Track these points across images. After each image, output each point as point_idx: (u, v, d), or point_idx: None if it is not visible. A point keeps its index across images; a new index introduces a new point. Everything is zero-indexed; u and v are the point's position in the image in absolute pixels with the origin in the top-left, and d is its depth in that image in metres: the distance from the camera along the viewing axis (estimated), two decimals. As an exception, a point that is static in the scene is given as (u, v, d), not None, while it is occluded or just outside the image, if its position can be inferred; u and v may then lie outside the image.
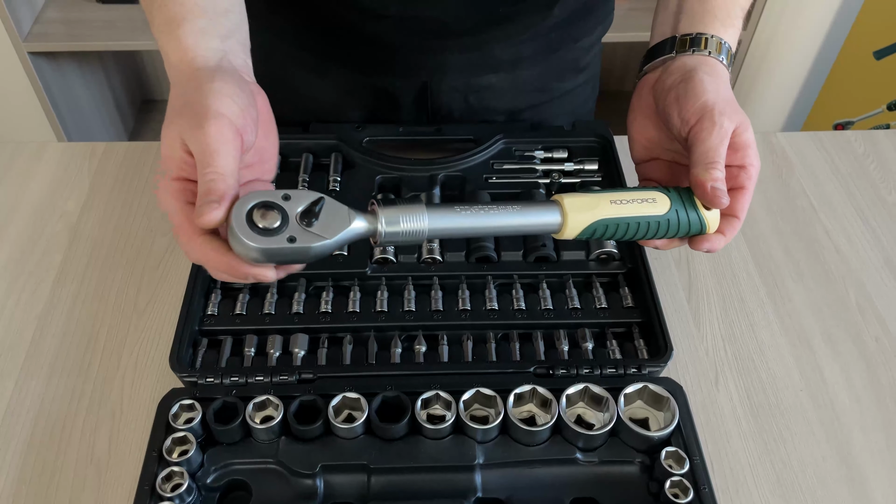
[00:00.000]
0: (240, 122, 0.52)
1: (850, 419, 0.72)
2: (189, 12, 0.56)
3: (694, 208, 0.59)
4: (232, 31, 0.59)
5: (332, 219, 0.51)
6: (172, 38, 0.56)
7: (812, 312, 0.80)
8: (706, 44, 0.65)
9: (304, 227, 0.51)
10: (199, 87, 0.53)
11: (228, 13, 0.59)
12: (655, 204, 0.59)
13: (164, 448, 0.63)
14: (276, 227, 0.50)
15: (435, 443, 0.65)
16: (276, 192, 0.51)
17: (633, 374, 0.69)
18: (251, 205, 0.50)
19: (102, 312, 0.78)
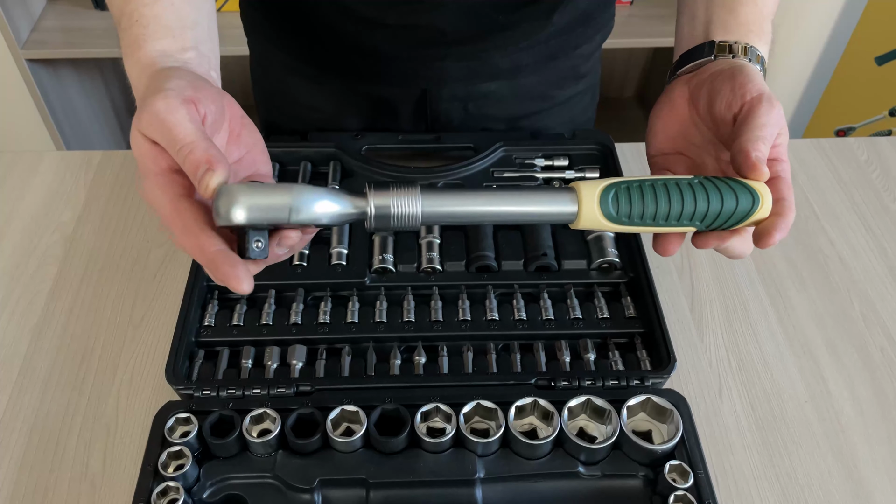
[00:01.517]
0: (189, 91, 0.50)
1: (856, 431, 0.71)
2: (152, 34, 0.56)
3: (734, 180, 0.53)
4: (196, 44, 0.57)
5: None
6: (133, 60, 0.56)
7: (816, 323, 0.80)
8: (746, 52, 0.63)
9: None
10: (150, 84, 0.52)
11: (195, 27, 0.58)
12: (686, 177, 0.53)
13: (160, 462, 0.62)
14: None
15: (435, 456, 0.64)
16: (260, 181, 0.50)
17: (636, 385, 0.68)
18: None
19: (98, 325, 0.77)
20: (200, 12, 0.60)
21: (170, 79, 0.51)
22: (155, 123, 0.48)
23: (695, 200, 0.53)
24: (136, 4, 0.57)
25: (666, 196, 0.52)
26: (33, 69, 1.73)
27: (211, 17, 0.61)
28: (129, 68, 0.56)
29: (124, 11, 0.57)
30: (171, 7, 0.57)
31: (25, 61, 1.70)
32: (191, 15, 0.58)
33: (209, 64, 0.58)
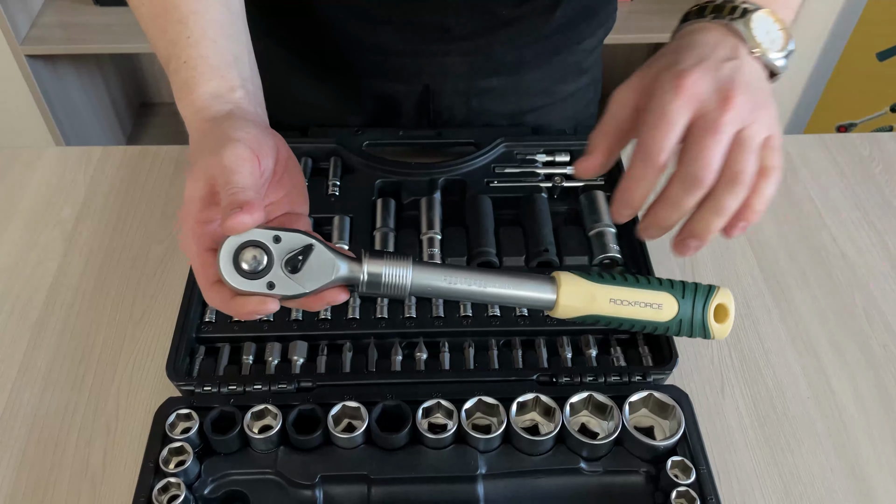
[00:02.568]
0: (254, 144, 0.52)
1: (858, 429, 0.71)
2: (201, 76, 0.57)
3: (703, 320, 0.54)
4: (243, 81, 0.59)
5: (317, 268, 0.51)
6: (187, 103, 0.57)
7: (818, 319, 0.79)
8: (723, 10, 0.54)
9: (287, 273, 0.50)
10: (212, 129, 0.54)
11: (239, 62, 0.59)
12: (660, 311, 0.54)
13: (161, 459, 0.61)
14: (260, 271, 0.50)
15: (436, 452, 0.63)
16: (268, 233, 0.50)
17: (638, 381, 0.68)
18: (240, 243, 0.49)
19: (98, 322, 0.77)
20: (240, 45, 0.61)
21: (236, 129, 0.52)
22: (220, 166, 0.50)
23: (654, 330, 0.55)
24: (182, 47, 0.58)
25: (630, 327, 0.55)
26: (32, 65, 1.73)
27: (249, 46, 0.62)
28: (182, 109, 0.58)
29: (172, 54, 0.59)
30: (213, 45, 0.58)
31: (25, 57, 1.70)
32: (232, 50, 0.59)
33: (256, 100, 0.59)
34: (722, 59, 0.51)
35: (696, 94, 0.48)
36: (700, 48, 0.52)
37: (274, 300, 0.51)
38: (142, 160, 0.94)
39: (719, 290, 0.55)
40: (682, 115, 0.48)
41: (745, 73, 0.51)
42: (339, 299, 0.53)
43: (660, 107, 0.49)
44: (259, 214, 0.48)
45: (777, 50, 0.54)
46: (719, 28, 0.53)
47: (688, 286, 0.55)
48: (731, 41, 0.53)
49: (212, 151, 0.51)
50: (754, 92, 0.50)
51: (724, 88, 0.49)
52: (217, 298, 0.51)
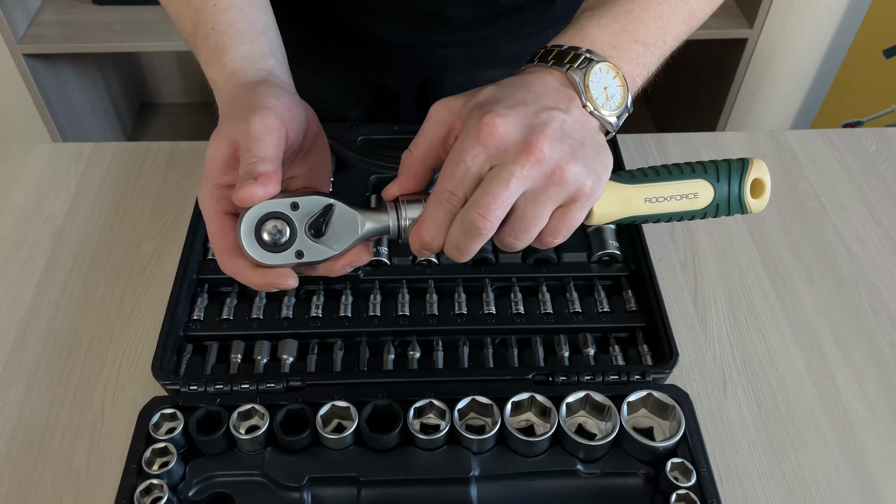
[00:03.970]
0: (285, 115, 0.51)
1: (864, 428, 0.68)
2: (231, 41, 0.56)
3: (740, 197, 0.53)
4: (273, 50, 0.58)
5: (342, 228, 0.50)
6: (218, 67, 0.56)
7: (823, 317, 0.77)
8: (565, 57, 0.51)
9: (312, 238, 0.49)
10: (244, 94, 0.53)
11: (267, 31, 0.59)
12: (696, 199, 0.53)
13: (144, 459, 0.60)
14: (285, 242, 0.49)
15: (428, 454, 0.62)
16: (285, 201, 0.49)
17: (637, 381, 0.66)
18: (259, 217, 0.49)
19: (85, 319, 0.76)
20: (267, 16, 0.60)
21: (269, 97, 0.52)
22: (245, 132, 0.49)
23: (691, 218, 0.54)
24: (209, 14, 0.57)
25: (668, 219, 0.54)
26: (31, 64, 1.71)
27: (275, 21, 0.62)
28: (213, 74, 0.57)
29: (198, 22, 0.58)
30: (241, 13, 0.58)
31: (23, 56, 1.68)
32: (261, 20, 0.59)
33: (287, 71, 0.59)
34: (542, 108, 0.49)
35: (499, 141, 0.47)
36: (525, 91, 0.50)
37: (294, 277, 0.50)
38: (133, 156, 0.93)
39: (753, 163, 0.53)
40: (479, 161, 0.47)
41: (563, 125, 0.48)
42: (362, 259, 0.52)
43: (460, 149, 0.48)
44: (273, 187, 0.47)
45: (612, 108, 0.52)
46: (557, 76, 0.52)
47: (721, 167, 0.53)
48: (563, 92, 0.51)
49: (241, 116, 0.50)
50: (569, 145, 0.48)
51: (530, 139, 0.47)
52: (233, 267, 0.50)
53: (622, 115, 0.53)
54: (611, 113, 0.52)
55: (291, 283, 0.50)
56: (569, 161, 0.47)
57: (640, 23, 0.54)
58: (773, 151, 0.96)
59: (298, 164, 0.56)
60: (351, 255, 0.51)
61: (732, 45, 1.83)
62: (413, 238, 0.50)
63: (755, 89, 2.08)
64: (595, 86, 0.51)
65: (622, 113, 0.53)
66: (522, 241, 0.50)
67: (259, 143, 0.48)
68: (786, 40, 1.97)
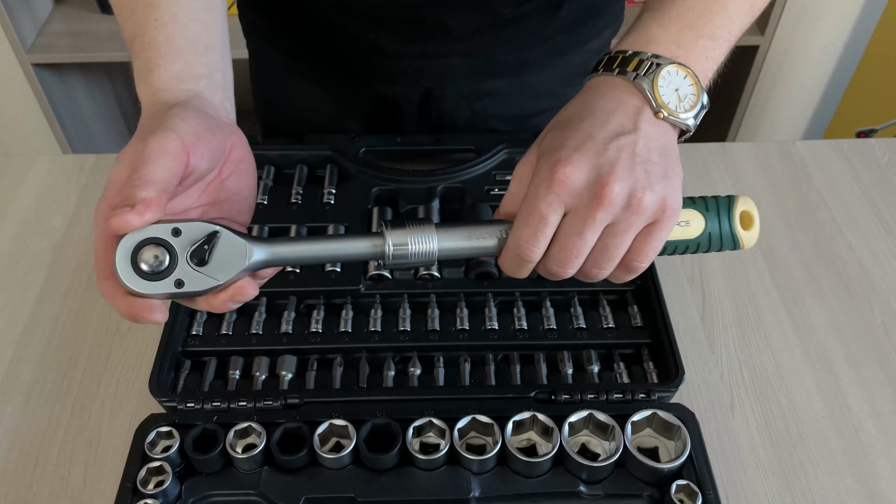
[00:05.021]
0: (189, 140, 0.48)
1: (877, 450, 0.67)
2: (164, 57, 0.54)
3: (731, 230, 0.54)
4: (210, 70, 0.55)
5: (227, 256, 0.47)
6: (145, 84, 0.54)
7: (834, 333, 0.75)
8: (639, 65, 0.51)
9: (194, 267, 0.46)
10: (157, 115, 0.50)
11: (208, 51, 0.56)
12: (688, 227, 0.54)
13: (139, 479, 0.59)
14: (163, 270, 0.46)
15: (427, 474, 0.60)
16: (166, 227, 0.46)
17: (642, 399, 0.65)
18: (136, 243, 0.45)
19: (83, 335, 0.75)
20: (213, 34, 0.58)
21: (178, 118, 0.49)
22: (138, 153, 0.47)
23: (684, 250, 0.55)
24: (149, 27, 0.55)
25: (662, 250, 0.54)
26: (39, 74, 1.72)
27: (224, 38, 0.59)
28: (140, 90, 0.55)
29: (136, 34, 0.56)
30: (183, 30, 0.55)
31: (31, 66, 1.69)
32: (203, 38, 0.56)
33: (223, 93, 0.56)
34: (611, 136, 0.48)
35: (570, 189, 0.47)
36: (591, 119, 0.50)
37: (163, 311, 0.47)
38: (136, 168, 0.92)
39: (739, 197, 0.54)
40: (553, 213, 0.48)
41: (634, 151, 0.48)
42: (247, 294, 0.48)
43: (535, 197, 0.48)
44: (152, 215, 0.44)
45: (687, 109, 0.51)
46: (624, 86, 0.51)
47: (709, 201, 0.54)
48: (632, 104, 0.50)
49: (142, 136, 0.48)
50: (644, 170, 0.48)
51: (601, 181, 0.47)
52: (105, 290, 0.47)
53: (699, 114, 0.52)
54: (686, 114, 0.51)
55: (158, 319, 0.47)
56: (644, 188, 0.48)
57: (704, 17, 0.53)
58: (783, 162, 0.94)
59: (215, 190, 0.53)
60: (233, 289, 0.48)
61: (744, 52, 1.81)
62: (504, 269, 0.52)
63: (767, 96, 2.06)
64: (665, 89, 0.50)
65: (699, 111, 0.52)
66: (606, 270, 0.51)
67: (148, 165, 0.46)
68: (798, 47, 1.95)
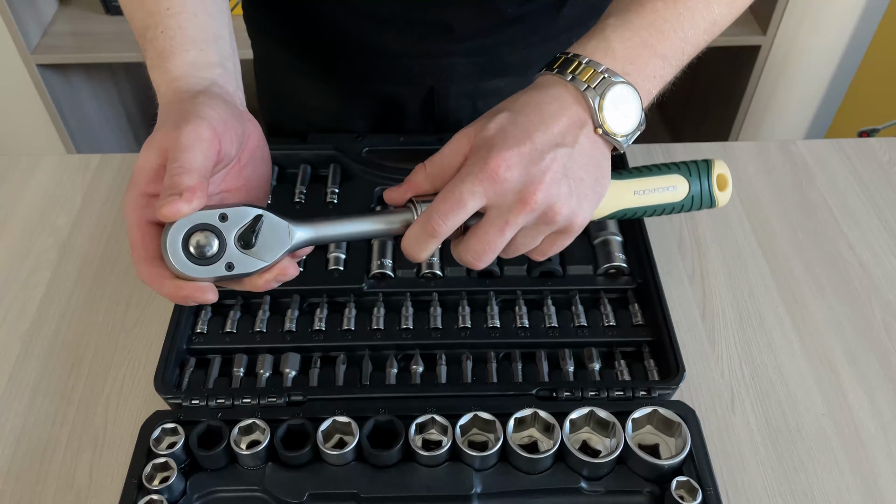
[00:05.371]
0: (220, 127, 0.50)
1: (876, 447, 0.67)
2: (179, 45, 0.55)
3: (709, 190, 0.59)
4: (223, 59, 0.57)
5: (272, 238, 0.49)
6: (162, 71, 0.55)
7: (835, 331, 0.76)
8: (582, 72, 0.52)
9: (242, 250, 0.49)
10: (182, 102, 0.52)
11: (219, 40, 0.58)
12: (675, 191, 0.58)
13: (144, 475, 0.59)
14: (213, 255, 0.48)
15: (430, 470, 0.61)
16: (213, 213, 0.48)
17: (643, 397, 0.65)
18: (185, 230, 0.47)
19: (89, 332, 0.76)
20: (221, 24, 0.59)
21: (205, 106, 0.51)
22: (175, 141, 0.48)
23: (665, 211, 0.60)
24: (161, 17, 0.56)
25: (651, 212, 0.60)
26: (44, 74, 1.72)
27: (231, 31, 0.61)
28: (156, 78, 0.56)
29: (148, 24, 0.57)
30: (194, 19, 0.57)
31: (36, 66, 1.69)
32: (213, 27, 0.58)
33: (235, 82, 0.58)
34: (549, 145, 0.50)
35: (497, 187, 0.49)
36: (538, 120, 0.51)
37: (214, 291, 0.49)
38: (140, 167, 0.93)
39: (714, 162, 0.59)
40: (472, 200, 0.49)
41: (566, 163, 0.50)
42: (289, 274, 0.51)
43: (461, 179, 0.49)
44: (199, 201, 0.46)
45: (626, 129, 0.53)
46: (573, 93, 0.52)
47: (690, 166, 0.59)
48: (577, 115, 0.51)
49: (174, 124, 0.49)
50: (567, 186, 0.50)
51: (529, 188, 0.49)
52: (150, 275, 0.49)
53: (633, 134, 0.54)
54: (623, 134, 0.53)
55: (210, 298, 0.49)
56: (563, 202, 0.50)
57: (662, 35, 0.54)
58: (785, 162, 0.95)
59: (234, 177, 0.54)
60: (276, 269, 0.50)
61: (746, 52, 1.81)
62: (402, 247, 0.52)
63: (769, 96, 2.06)
64: (610, 107, 0.51)
65: (634, 131, 0.53)
66: (508, 258, 0.55)
67: (187, 153, 0.47)
68: (800, 47, 1.95)
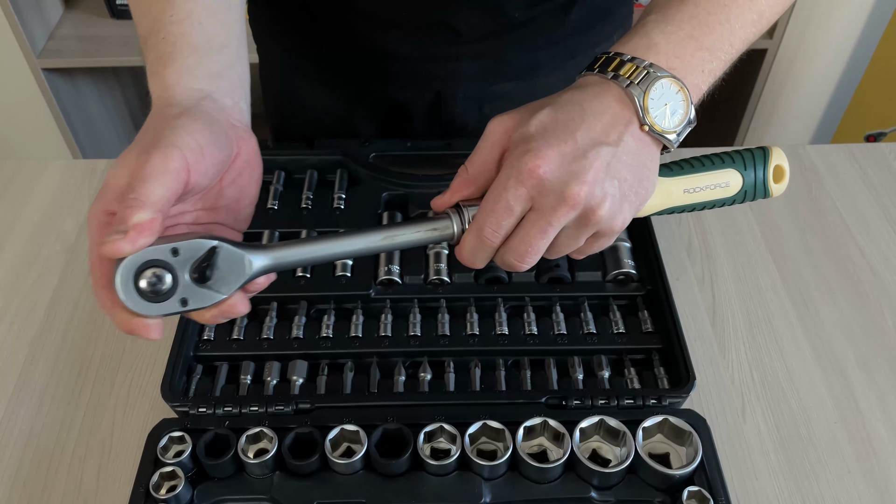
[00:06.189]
0: (192, 158, 0.47)
1: (888, 453, 0.67)
2: (178, 51, 0.53)
3: (764, 183, 0.56)
4: (224, 70, 0.55)
5: (228, 269, 0.47)
6: (158, 78, 0.53)
7: (846, 337, 0.75)
8: (625, 69, 0.51)
9: (197, 284, 0.46)
10: (163, 121, 0.49)
11: (223, 49, 0.56)
12: (727, 187, 0.56)
13: (152, 483, 0.59)
14: (167, 291, 0.46)
15: (438, 479, 0.61)
16: (164, 248, 0.45)
17: (653, 405, 0.64)
18: (135, 268, 0.45)
19: (96, 337, 0.75)
20: (230, 33, 0.57)
21: (182, 131, 0.48)
22: (138, 169, 0.46)
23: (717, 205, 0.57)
24: (165, 23, 0.55)
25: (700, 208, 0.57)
26: (49, 78, 1.73)
27: (241, 38, 0.59)
28: (151, 84, 0.54)
29: (152, 30, 0.55)
30: (199, 26, 0.55)
31: (42, 70, 1.70)
32: (219, 36, 0.56)
33: (237, 93, 0.55)
34: (592, 143, 0.49)
35: (539, 186, 0.48)
36: (579, 119, 0.49)
37: (159, 328, 0.47)
38: (147, 172, 0.93)
39: (773, 151, 0.56)
40: (519, 204, 0.49)
41: (609, 162, 0.49)
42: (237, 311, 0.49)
43: (503, 186, 0.49)
44: (146, 240, 0.44)
45: (674, 125, 0.51)
46: (615, 91, 0.51)
47: (745, 156, 0.56)
48: (620, 113, 0.50)
49: (145, 148, 0.47)
50: (609, 186, 0.49)
51: (571, 188, 0.48)
52: (103, 301, 0.47)
53: (684, 131, 0.52)
54: (671, 130, 0.51)
55: (154, 336, 0.47)
56: (603, 204, 0.49)
57: (706, 27, 0.53)
58: (794, 166, 0.94)
59: (214, 196, 0.53)
60: (225, 306, 0.48)
61: (752, 55, 1.80)
62: (457, 255, 0.53)
63: (775, 100, 2.05)
64: (655, 103, 0.50)
65: (684, 129, 0.52)
66: (551, 259, 0.54)
67: (147, 184, 0.45)
68: (806, 50, 1.94)
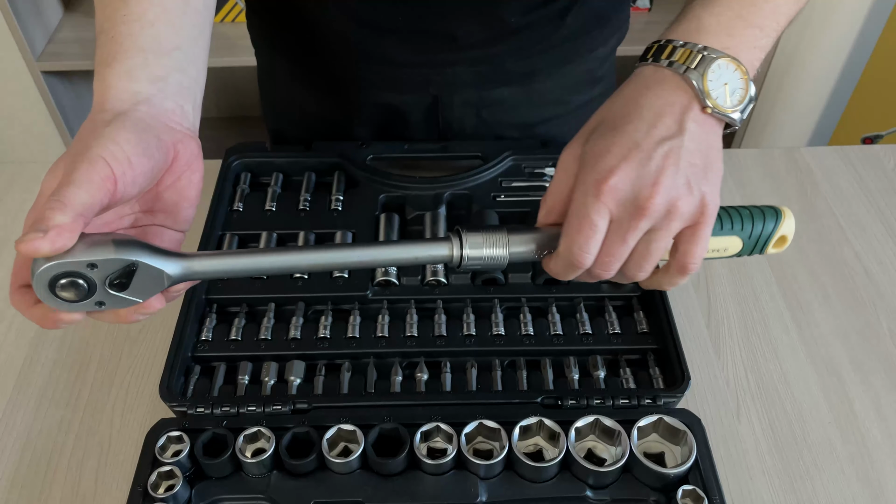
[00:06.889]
0: (119, 168, 0.46)
1: (883, 455, 0.67)
2: (124, 52, 0.52)
3: (762, 250, 0.55)
4: (170, 73, 0.53)
5: (146, 281, 0.48)
6: (99, 78, 0.52)
7: (840, 339, 0.76)
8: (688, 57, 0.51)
9: (115, 291, 0.47)
10: (93, 129, 0.49)
11: (174, 52, 0.54)
12: (724, 252, 0.55)
13: (150, 483, 0.59)
14: (83, 296, 0.46)
15: (435, 479, 0.61)
16: (81, 261, 0.45)
17: (648, 405, 0.65)
18: (51, 276, 0.45)
19: (94, 339, 0.76)
20: (184, 36, 0.55)
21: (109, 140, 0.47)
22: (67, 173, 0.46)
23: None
24: (115, 22, 0.54)
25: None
26: (49, 81, 1.73)
27: (198, 41, 0.57)
28: (94, 85, 0.53)
29: (103, 29, 0.54)
30: (150, 28, 0.54)
31: (41, 73, 1.70)
32: (171, 38, 0.55)
33: (183, 96, 0.54)
34: (656, 142, 0.49)
35: (616, 199, 0.49)
36: (638, 121, 0.50)
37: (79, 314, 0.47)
38: (146, 175, 0.93)
39: (784, 220, 0.55)
40: (602, 220, 0.49)
41: (680, 156, 0.49)
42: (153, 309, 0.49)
43: (584, 209, 0.49)
44: (64, 243, 0.43)
45: (735, 104, 0.51)
46: (673, 80, 0.51)
47: (755, 224, 0.54)
48: (679, 103, 0.50)
49: (74, 155, 0.46)
50: (685, 176, 0.49)
51: (645, 192, 0.48)
52: (19, 303, 0.48)
53: (747, 108, 0.52)
54: (734, 108, 0.51)
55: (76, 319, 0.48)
56: (683, 195, 0.49)
57: (753, 6, 0.54)
58: (789, 168, 0.95)
59: (150, 200, 0.52)
60: (140, 306, 0.49)
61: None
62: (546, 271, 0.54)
63: (772, 102, 2.06)
64: (714, 84, 0.50)
65: (746, 105, 0.52)
66: (646, 271, 0.52)
67: (71, 188, 0.44)
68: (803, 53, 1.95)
